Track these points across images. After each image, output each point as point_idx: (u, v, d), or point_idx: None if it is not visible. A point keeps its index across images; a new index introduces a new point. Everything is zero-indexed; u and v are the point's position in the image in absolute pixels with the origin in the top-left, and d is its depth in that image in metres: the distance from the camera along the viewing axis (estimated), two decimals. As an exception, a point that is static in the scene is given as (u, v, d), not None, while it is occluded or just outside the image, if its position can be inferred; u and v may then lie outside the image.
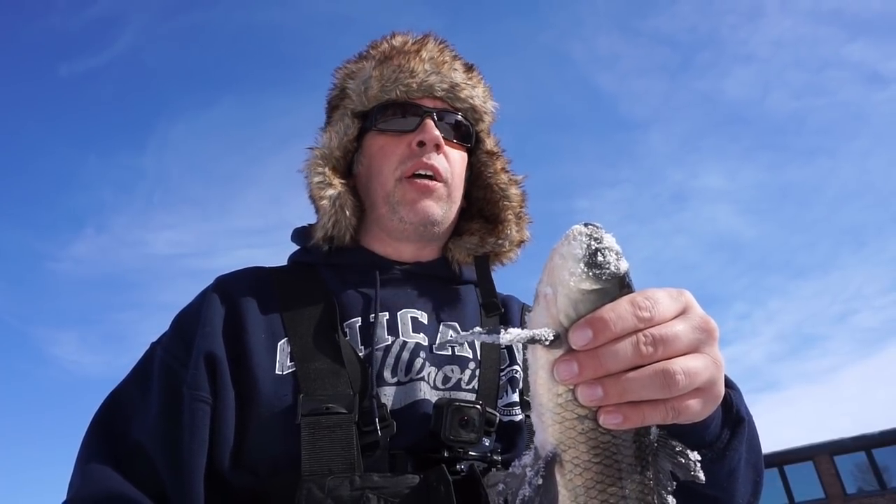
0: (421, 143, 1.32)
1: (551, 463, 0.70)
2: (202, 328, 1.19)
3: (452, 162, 1.36)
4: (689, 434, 0.83)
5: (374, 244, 1.38)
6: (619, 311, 0.66)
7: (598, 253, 0.69)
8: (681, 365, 0.67)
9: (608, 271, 0.68)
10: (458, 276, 1.41)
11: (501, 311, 1.36)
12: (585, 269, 0.68)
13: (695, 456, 0.71)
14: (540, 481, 0.69)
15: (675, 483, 0.71)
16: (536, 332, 0.68)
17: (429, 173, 1.32)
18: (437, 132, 1.32)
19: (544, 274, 0.72)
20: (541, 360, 0.71)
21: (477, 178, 1.47)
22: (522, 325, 0.73)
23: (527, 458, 0.72)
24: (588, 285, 0.68)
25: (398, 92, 1.35)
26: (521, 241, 1.46)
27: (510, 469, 0.72)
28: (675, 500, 0.72)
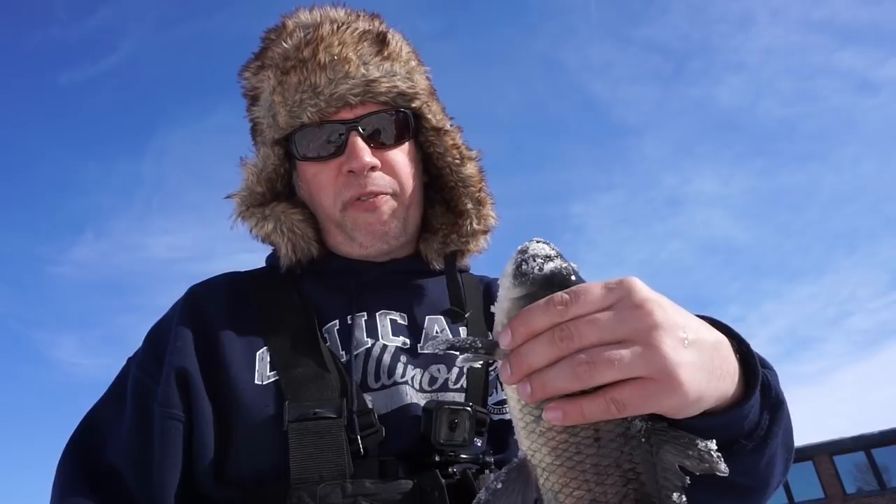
0: (352, 171, 1.19)
1: (517, 469, 0.71)
2: (173, 343, 1.15)
3: (395, 167, 1.24)
4: (725, 425, 0.77)
5: (344, 248, 1.29)
6: (533, 309, 0.68)
7: (523, 262, 0.72)
8: (592, 352, 0.65)
9: (532, 276, 0.71)
10: (436, 269, 1.33)
11: (466, 316, 1.27)
12: (513, 280, 0.72)
13: (707, 445, 0.66)
14: (499, 486, 0.69)
15: (686, 478, 0.66)
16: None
17: (371, 197, 1.21)
18: (365, 158, 1.18)
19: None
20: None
21: (428, 158, 1.33)
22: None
23: (507, 465, 0.74)
24: (516, 293, 0.71)
25: (309, 115, 1.19)
26: (486, 231, 1.34)
27: (491, 475, 0.72)
28: (683, 498, 0.66)
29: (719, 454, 0.65)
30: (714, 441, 0.66)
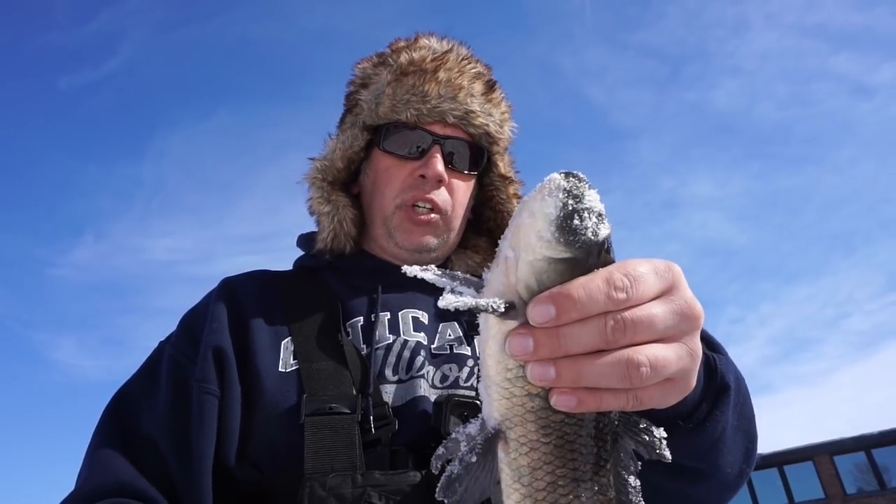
0: (423, 176, 1.30)
1: (492, 440, 0.64)
2: (210, 324, 1.20)
3: (455, 192, 1.35)
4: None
5: (377, 249, 1.39)
6: (590, 290, 0.57)
7: (576, 214, 0.57)
8: (648, 355, 0.60)
9: (583, 238, 0.58)
10: None
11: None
12: (556, 233, 0.58)
13: (660, 433, 0.65)
14: (474, 459, 0.63)
15: (639, 463, 0.66)
16: (482, 301, 0.59)
17: (427, 206, 1.31)
18: (440, 168, 1.29)
19: (509, 231, 0.63)
20: (492, 328, 0.63)
21: (488, 199, 1.46)
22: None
23: (472, 428, 0.66)
24: (557, 253, 0.58)
25: (409, 115, 1.31)
26: None
27: (453, 434, 0.66)
28: (637, 481, 0.66)
29: (665, 442, 0.65)
30: (663, 429, 0.66)
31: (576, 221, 0.58)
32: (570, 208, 0.58)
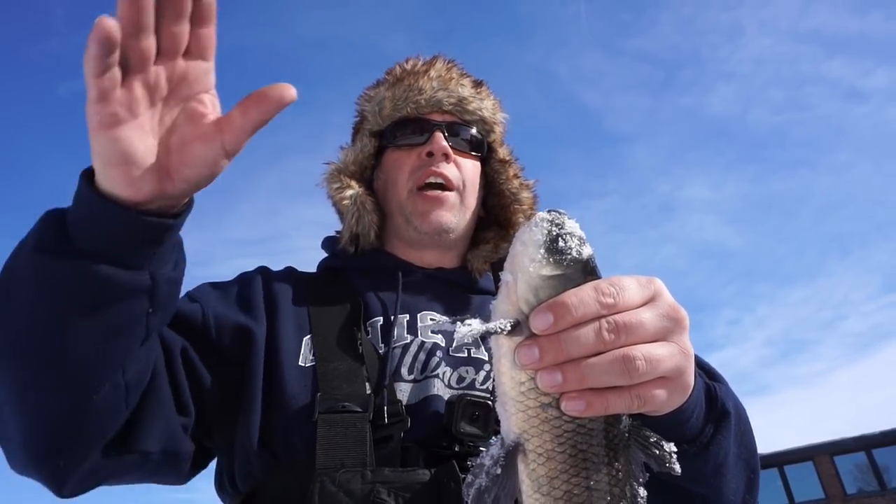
0: (430, 154, 1.40)
1: (512, 452, 0.69)
2: (255, 286, 1.32)
3: (464, 170, 1.44)
4: (669, 428, 0.82)
5: (398, 250, 1.46)
6: (581, 296, 0.66)
7: (560, 238, 0.68)
8: (643, 351, 0.66)
9: (569, 256, 0.68)
10: (479, 286, 1.46)
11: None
12: (546, 255, 0.68)
13: (670, 447, 0.69)
14: (499, 471, 0.68)
15: (647, 474, 0.70)
16: (491, 324, 0.67)
17: (439, 181, 1.40)
18: (444, 143, 1.41)
19: (507, 261, 0.72)
20: (503, 347, 0.70)
21: (491, 185, 1.55)
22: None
23: (494, 449, 0.71)
24: (549, 271, 0.67)
25: (409, 109, 1.46)
26: None
27: (477, 459, 0.71)
28: (645, 492, 0.70)
29: (675, 456, 0.69)
30: (672, 444, 0.70)
31: (560, 243, 0.68)
32: (555, 233, 0.69)
